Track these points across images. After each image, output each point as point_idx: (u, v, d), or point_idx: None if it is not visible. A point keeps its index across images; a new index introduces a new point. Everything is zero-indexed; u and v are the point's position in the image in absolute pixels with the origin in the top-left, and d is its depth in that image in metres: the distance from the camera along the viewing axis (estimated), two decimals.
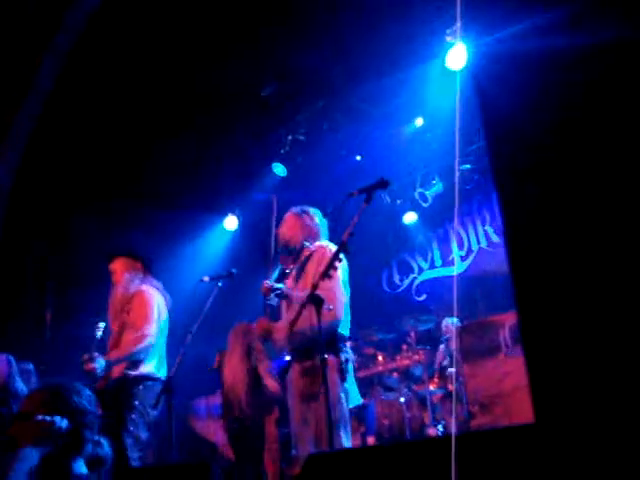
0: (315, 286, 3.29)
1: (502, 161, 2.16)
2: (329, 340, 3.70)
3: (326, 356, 3.48)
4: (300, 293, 3.92)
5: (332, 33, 6.14)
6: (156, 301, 4.66)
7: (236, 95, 6.95)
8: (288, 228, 4.34)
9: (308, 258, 4.15)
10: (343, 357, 3.80)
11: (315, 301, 3.26)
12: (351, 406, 3.82)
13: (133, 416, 4.26)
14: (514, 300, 1.91)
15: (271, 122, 7.60)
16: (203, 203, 8.29)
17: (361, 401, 4.02)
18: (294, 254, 4.25)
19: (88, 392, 2.61)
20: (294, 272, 4.21)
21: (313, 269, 4.02)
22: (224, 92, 6.84)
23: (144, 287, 4.71)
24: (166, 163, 7.56)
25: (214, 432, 7.36)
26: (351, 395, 3.83)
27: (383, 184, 3.43)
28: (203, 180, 7.95)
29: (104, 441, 2.55)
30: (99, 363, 4.24)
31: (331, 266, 3.28)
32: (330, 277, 3.35)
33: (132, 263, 4.85)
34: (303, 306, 3.35)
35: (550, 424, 1.67)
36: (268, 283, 3.99)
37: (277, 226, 4.40)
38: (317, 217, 4.42)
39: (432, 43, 6.21)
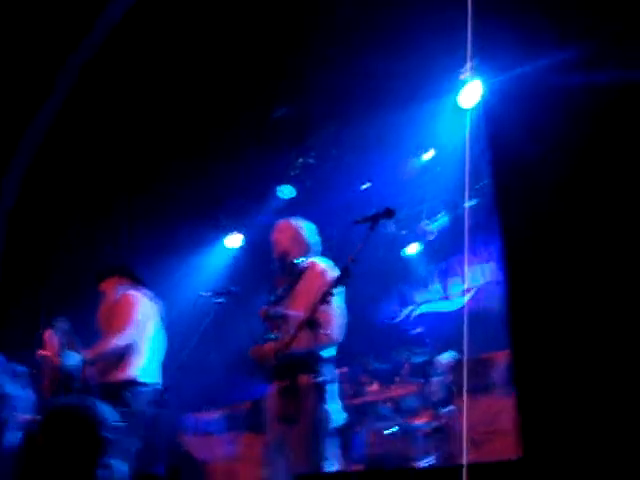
0: (313, 310, 3.29)
1: (506, 195, 2.17)
2: (309, 360, 3.62)
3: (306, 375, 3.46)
4: (295, 312, 3.84)
5: (348, 61, 6.19)
6: (140, 303, 4.66)
7: (247, 115, 6.99)
8: (287, 238, 4.20)
9: (299, 276, 4.05)
10: (322, 377, 3.65)
11: (311, 325, 3.26)
12: (334, 426, 3.72)
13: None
14: (508, 337, 1.91)
15: (282, 144, 7.63)
16: (208, 220, 8.32)
17: (343, 421, 3.89)
18: (286, 270, 4.13)
19: (100, 416, 2.48)
20: (287, 289, 4.08)
21: (305, 287, 3.92)
22: (235, 111, 6.88)
23: (130, 292, 4.73)
24: (174, 179, 7.60)
25: (201, 449, 7.31)
26: (334, 416, 3.72)
27: (389, 213, 3.44)
28: (210, 198, 7.97)
29: (114, 463, 2.45)
30: (72, 358, 4.08)
31: (330, 292, 3.28)
32: (328, 302, 3.35)
33: (119, 280, 4.89)
34: (299, 329, 3.36)
35: (536, 460, 1.67)
36: (265, 308, 3.96)
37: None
38: (312, 233, 4.28)
39: (446, 80, 6.28)
